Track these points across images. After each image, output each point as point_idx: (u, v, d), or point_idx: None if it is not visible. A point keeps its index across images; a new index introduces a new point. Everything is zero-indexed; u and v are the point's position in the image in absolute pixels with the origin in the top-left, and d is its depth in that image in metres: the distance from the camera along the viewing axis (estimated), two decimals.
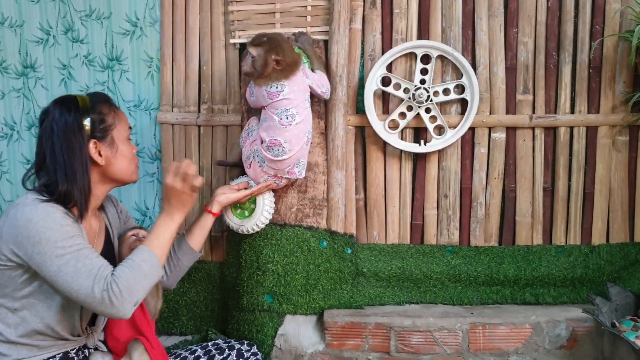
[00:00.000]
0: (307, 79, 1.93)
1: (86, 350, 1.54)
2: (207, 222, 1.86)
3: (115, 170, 1.54)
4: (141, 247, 1.45)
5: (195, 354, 1.72)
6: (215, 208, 1.86)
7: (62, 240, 1.32)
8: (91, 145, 1.47)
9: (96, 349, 1.57)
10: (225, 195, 1.89)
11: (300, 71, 1.90)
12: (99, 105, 1.52)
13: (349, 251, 2.16)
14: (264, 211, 1.98)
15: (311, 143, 2.06)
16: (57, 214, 1.36)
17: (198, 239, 1.85)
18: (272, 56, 1.83)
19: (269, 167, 1.90)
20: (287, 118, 1.85)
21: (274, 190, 2.03)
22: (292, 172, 1.93)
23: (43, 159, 1.45)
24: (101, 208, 1.65)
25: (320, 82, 1.99)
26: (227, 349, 1.74)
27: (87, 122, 1.47)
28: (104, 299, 1.29)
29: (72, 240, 1.34)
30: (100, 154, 1.50)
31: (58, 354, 1.45)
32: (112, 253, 1.64)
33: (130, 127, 1.61)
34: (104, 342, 1.61)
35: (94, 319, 1.57)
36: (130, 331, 1.56)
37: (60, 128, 1.43)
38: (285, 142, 1.86)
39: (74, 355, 1.48)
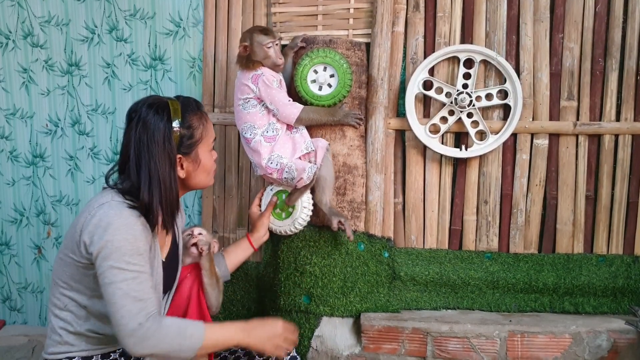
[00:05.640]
0: (251, 84, 1.90)
1: None
2: (247, 253, 1.96)
3: (192, 183, 1.57)
4: (203, 324, 1.41)
5: (236, 354, 1.73)
6: (257, 244, 1.97)
7: (129, 256, 1.34)
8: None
9: None
10: (264, 227, 1.99)
11: (250, 71, 1.91)
12: (189, 116, 1.49)
13: (387, 255, 2.16)
14: (302, 213, 1.99)
15: (351, 146, 2.07)
16: (137, 226, 1.37)
17: (234, 263, 1.93)
18: (241, 42, 1.93)
19: None
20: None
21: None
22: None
23: (127, 159, 1.44)
24: None
25: (272, 99, 1.91)
26: None
27: (176, 135, 1.45)
28: (135, 330, 1.30)
29: (139, 259, 1.35)
30: (182, 167, 1.51)
31: (118, 349, 1.49)
32: (177, 252, 1.66)
33: (215, 138, 1.61)
34: None
35: None
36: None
37: (149, 136, 1.41)
38: None
39: None
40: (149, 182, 1.40)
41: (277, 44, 1.92)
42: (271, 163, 1.91)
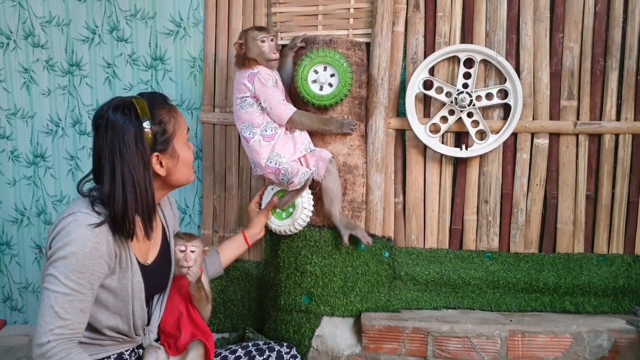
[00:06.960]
0: (247, 82, 1.92)
1: (139, 351, 1.57)
2: (241, 249, 1.99)
3: (175, 179, 1.54)
4: None
5: (236, 354, 1.74)
6: (251, 241, 2.00)
7: (71, 271, 1.31)
8: (153, 159, 1.44)
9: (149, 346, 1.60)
10: (260, 225, 2.03)
11: (247, 70, 1.93)
12: (158, 112, 1.45)
13: (387, 254, 2.16)
14: (302, 213, 1.99)
15: (351, 146, 2.07)
16: (90, 244, 1.33)
17: (228, 259, 1.96)
18: (237, 40, 1.96)
19: None
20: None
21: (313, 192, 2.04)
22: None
23: (100, 168, 1.40)
24: None
25: (267, 97, 1.91)
26: (267, 350, 1.75)
27: (148, 134, 1.41)
28: (42, 345, 1.28)
29: (79, 277, 1.32)
30: (161, 165, 1.47)
31: (113, 355, 1.48)
32: (168, 251, 1.65)
33: (189, 129, 1.57)
34: (157, 339, 1.65)
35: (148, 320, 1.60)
36: (193, 331, 1.60)
37: (119, 140, 1.37)
38: None
39: (128, 356, 1.52)
40: (122, 188, 1.37)
41: (271, 40, 1.93)
42: (270, 162, 1.92)
